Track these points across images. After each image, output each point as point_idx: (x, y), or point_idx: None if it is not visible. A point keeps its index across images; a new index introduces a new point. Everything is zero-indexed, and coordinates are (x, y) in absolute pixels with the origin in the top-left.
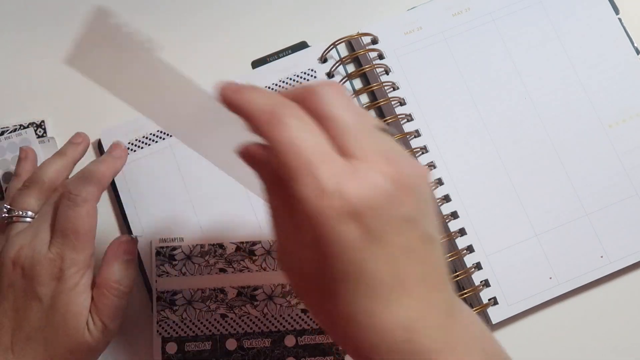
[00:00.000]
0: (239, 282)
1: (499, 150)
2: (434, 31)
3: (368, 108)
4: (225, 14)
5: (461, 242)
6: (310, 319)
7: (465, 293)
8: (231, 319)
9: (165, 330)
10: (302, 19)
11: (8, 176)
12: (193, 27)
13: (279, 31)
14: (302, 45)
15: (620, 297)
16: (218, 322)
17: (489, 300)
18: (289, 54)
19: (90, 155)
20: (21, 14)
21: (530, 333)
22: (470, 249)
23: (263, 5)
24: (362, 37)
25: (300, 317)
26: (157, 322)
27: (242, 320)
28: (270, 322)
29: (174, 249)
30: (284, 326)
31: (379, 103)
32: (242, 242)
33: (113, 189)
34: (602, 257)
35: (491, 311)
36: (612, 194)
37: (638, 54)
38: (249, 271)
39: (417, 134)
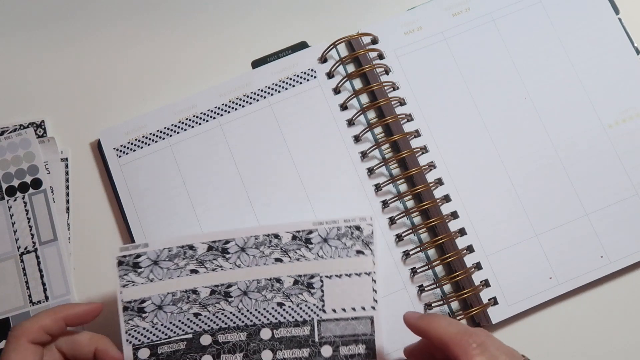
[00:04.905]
0: (212, 281)
1: (499, 150)
2: (434, 31)
3: (368, 108)
4: (226, 14)
5: (461, 242)
6: (287, 312)
7: (465, 293)
8: (205, 316)
9: (136, 338)
10: (302, 19)
11: (8, 176)
12: (193, 27)
13: (279, 31)
14: (302, 45)
15: (620, 297)
16: (191, 321)
17: (489, 300)
18: (289, 54)
19: (89, 156)
20: (21, 14)
21: (530, 333)
22: (470, 249)
23: (263, 6)
24: (362, 37)
25: (276, 310)
26: (126, 332)
27: (217, 317)
28: (245, 316)
29: (138, 256)
30: (259, 320)
31: (379, 103)
32: (214, 241)
33: (112, 189)
34: (602, 257)
35: (491, 311)
36: (612, 194)
37: (638, 54)
38: (222, 269)
39: (417, 134)
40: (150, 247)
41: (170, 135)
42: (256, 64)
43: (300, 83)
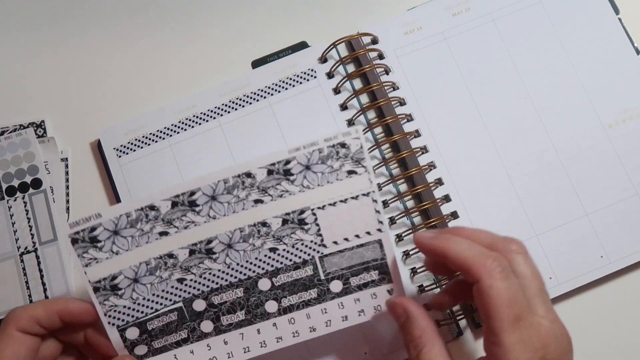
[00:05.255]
0: (187, 241)
1: (499, 150)
2: (434, 31)
3: (368, 108)
4: (226, 14)
5: None
6: (283, 256)
7: None
8: (191, 280)
9: (118, 319)
10: (302, 19)
11: (8, 176)
12: (194, 27)
13: (279, 31)
14: (302, 45)
15: (620, 297)
16: (177, 288)
17: None
18: (289, 54)
19: (89, 156)
20: (21, 14)
21: None
22: None
23: (263, 6)
24: (362, 37)
25: (269, 257)
26: (105, 314)
27: (204, 278)
28: (237, 271)
29: (93, 229)
30: (253, 271)
31: (379, 103)
32: (177, 196)
33: (112, 189)
34: (602, 257)
35: None
36: (612, 194)
37: (638, 54)
38: (195, 225)
39: (417, 134)
40: (104, 216)
41: (170, 135)
42: (256, 64)
43: (300, 83)
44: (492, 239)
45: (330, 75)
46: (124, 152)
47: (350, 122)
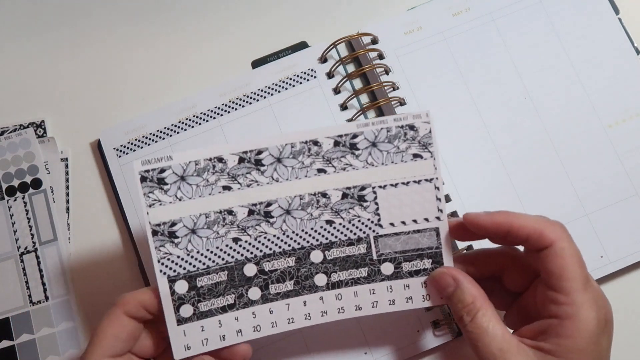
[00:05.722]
0: (248, 199)
1: (499, 150)
2: (434, 31)
3: (368, 108)
4: (226, 15)
5: (461, 242)
6: (338, 230)
7: None
8: (245, 242)
9: (170, 268)
10: (302, 19)
11: (8, 176)
12: (193, 28)
13: (279, 31)
14: (302, 45)
15: (620, 297)
16: (231, 247)
17: None
18: (289, 54)
19: (89, 156)
20: (21, 15)
21: None
22: (470, 248)
23: (263, 6)
24: (362, 37)
25: (325, 229)
26: (159, 261)
27: (259, 242)
28: (291, 239)
29: (162, 170)
30: (308, 242)
31: (379, 103)
32: (245, 152)
33: (112, 189)
34: (602, 257)
35: None
36: (612, 194)
37: (638, 54)
38: (258, 184)
39: None
40: (174, 159)
41: (170, 135)
42: (256, 64)
43: (300, 83)
44: (540, 219)
45: (330, 75)
46: (124, 152)
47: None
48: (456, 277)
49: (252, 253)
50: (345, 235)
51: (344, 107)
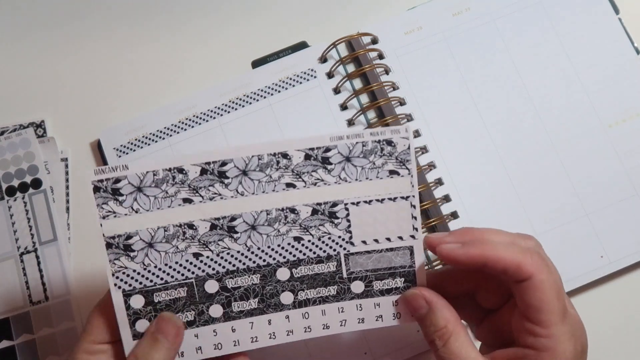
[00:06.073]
0: (210, 213)
1: (499, 150)
2: (434, 31)
3: (368, 108)
4: (226, 14)
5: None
6: (307, 248)
7: None
8: (207, 257)
9: (126, 282)
10: (302, 19)
11: (8, 176)
12: (193, 28)
13: (279, 31)
14: (302, 45)
15: (620, 297)
16: (191, 263)
17: None
18: (289, 54)
19: (89, 156)
20: (21, 15)
21: None
22: None
23: (263, 6)
24: (362, 37)
25: (293, 246)
26: (113, 274)
27: (222, 258)
28: (257, 255)
29: (117, 180)
30: (274, 259)
31: (379, 103)
32: (208, 163)
33: None
34: (602, 257)
35: None
36: (612, 194)
37: (638, 54)
38: (222, 198)
39: (417, 134)
40: (131, 169)
41: (170, 135)
42: (256, 64)
43: (300, 83)
44: (511, 237)
45: (330, 75)
46: (124, 152)
47: (350, 122)
48: (429, 299)
49: (214, 269)
50: (314, 253)
51: (344, 107)
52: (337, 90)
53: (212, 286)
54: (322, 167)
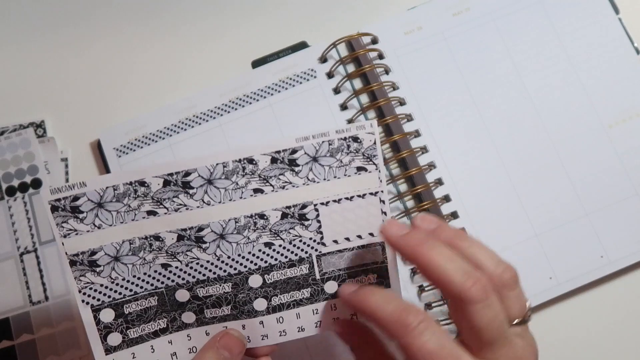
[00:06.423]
0: (176, 225)
1: (499, 150)
2: (434, 31)
3: (368, 108)
4: (226, 14)
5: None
6: (278, 252)
7: None
8: (176, 267)
9: (94, 297)
10: (302, 19)
11: (8, 176)
12: (193, 28)
13: (279, 31)
14: (302, 45)
15: (620, 297)
16: (160, 273)
17: None
18: (289, 54)
19: (89, 156)
20: (22, 15)
21: None
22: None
23: (263, 6)
24: (362, 37)
25: (264, 252)
26: (80, 291)
27: (191, 268)
28: (227, 264)
29: (76, 198)
30: (245, 266)
31: (379, 103)
32: (171, 174)
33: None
34: (602, 257)
35: None
36: (612, 194)
37: (638, 54)
38: (187, 209)
39: (417, 134)
40: (89, 185)
41: (170, 135)
42: (256, 64)
43: (300, 83)
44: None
45: (330, 75)
46: (124, 152)
47: (350, 122)
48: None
49: (183, 279)
50: (286, 257)
51: (344, 107)
52: (337, 90)
53: (183, 295)
54: (289, 170)
